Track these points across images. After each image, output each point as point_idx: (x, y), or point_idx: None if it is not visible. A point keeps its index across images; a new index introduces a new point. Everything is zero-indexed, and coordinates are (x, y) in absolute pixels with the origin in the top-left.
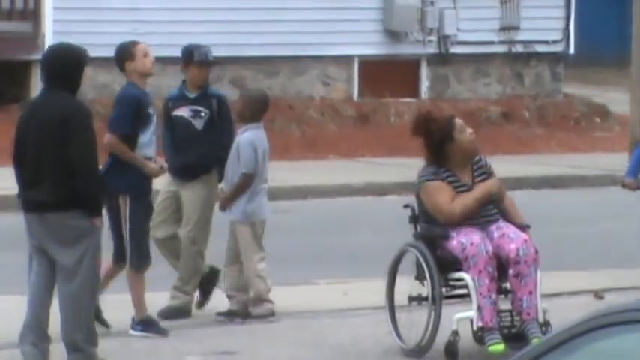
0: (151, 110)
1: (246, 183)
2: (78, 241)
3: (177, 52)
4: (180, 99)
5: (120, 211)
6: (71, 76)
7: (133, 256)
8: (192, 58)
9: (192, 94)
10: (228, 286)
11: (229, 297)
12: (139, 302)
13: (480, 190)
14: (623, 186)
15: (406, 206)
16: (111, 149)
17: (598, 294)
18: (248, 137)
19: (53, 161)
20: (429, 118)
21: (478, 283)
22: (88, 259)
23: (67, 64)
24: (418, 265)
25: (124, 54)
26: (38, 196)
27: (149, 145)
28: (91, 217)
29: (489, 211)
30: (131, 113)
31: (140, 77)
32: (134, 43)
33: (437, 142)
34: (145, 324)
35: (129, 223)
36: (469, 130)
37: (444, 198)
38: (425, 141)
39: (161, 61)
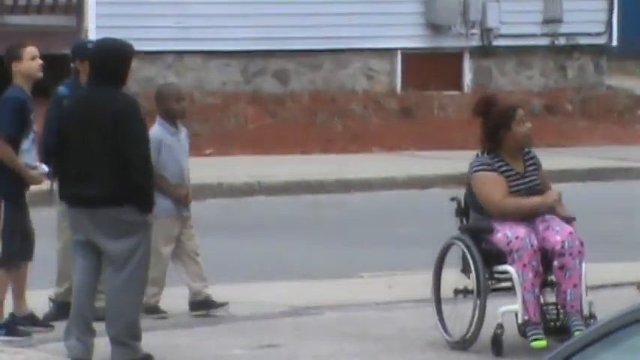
0: (32, 116)
1: None
2: (131, 235)
3: (220, 46)
4: None
5: None
6: (118, 70)
7: (4, 255)
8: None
9: None
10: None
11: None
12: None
13: (539, 201)
14: None
15: (453, 199)
16: None
17: None
18: None
19: (105, 156)
20: (493, 100)
21: (522, 277)
22: (140, 253)
23: (114, 58)
24: (464, 259)
25: (11, 55)
26: (89, 191)
27: (29, 151)
28: (145, 212)
29: None
30: (16, 116)
31: (25, 80)
32: (23, 45)
33: (494, 126)
34: (8, 327)
35: (3, 223)
36: (528, 125)
37: (497, 190)
38: (483, 122)
39: (204, 54)
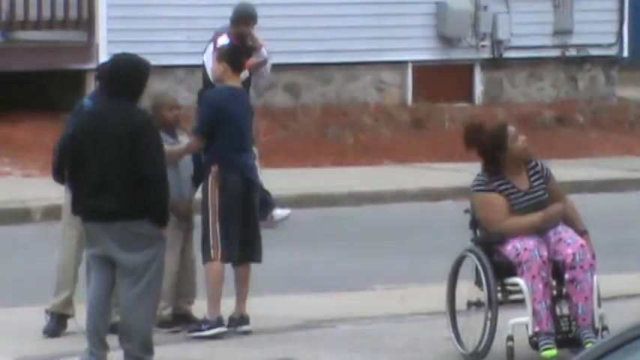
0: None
1: None
2: (147, 248)
3: None
4: None
5: None
6: (136, 85)
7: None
8: None
9: None
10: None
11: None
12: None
13: (539, 217)
14: None
15: (466, 211)
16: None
17: None
18: None
19: (120, 170)
20: (479, 129)
21: (532, 288)
22: (155, 266)
23: (131, 73)
24: (476, 271)
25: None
26: (104, 205)
27: None
28: (160, 226)
29: None
30: None
31: None
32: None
33: (489, 152)
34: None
35: None
36: (522, 138)
37: (495, 212)
38: (478, 151)
39: None
